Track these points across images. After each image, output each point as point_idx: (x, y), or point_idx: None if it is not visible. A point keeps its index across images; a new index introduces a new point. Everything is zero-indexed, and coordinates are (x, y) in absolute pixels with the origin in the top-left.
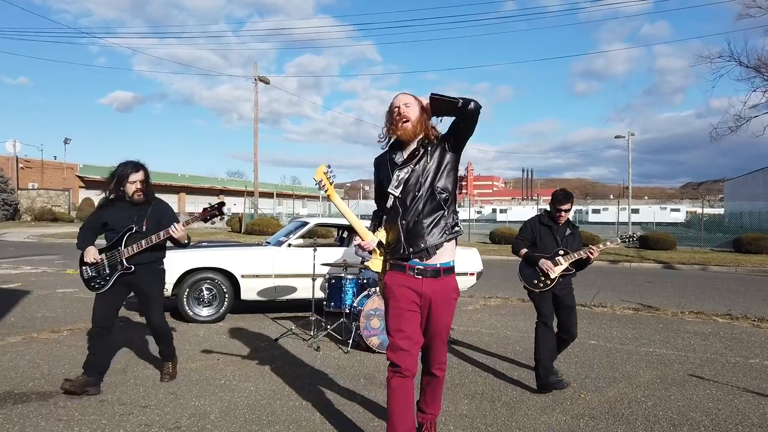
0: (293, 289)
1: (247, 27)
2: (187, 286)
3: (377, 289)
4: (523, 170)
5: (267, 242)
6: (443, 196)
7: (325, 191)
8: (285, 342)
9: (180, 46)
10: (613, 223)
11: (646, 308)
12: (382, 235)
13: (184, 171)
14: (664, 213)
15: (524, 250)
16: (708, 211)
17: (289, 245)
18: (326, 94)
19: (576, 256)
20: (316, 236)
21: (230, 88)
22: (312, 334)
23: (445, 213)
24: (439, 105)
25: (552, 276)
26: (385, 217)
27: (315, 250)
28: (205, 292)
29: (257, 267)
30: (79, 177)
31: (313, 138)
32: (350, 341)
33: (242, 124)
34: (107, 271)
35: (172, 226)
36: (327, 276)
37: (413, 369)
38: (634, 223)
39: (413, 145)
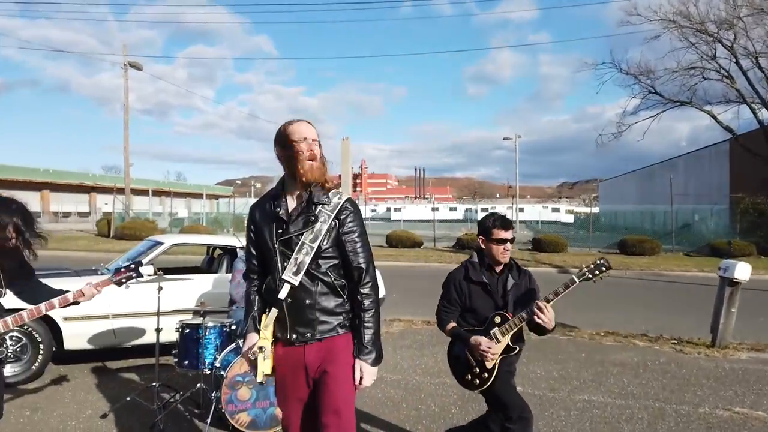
0: (141, 332)
1: (134, 11)
2: None
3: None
4: (415, 169)
5: (106, 269)
6: (340, 282)
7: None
8: (118, 417)
9: (54, 28)
10: None
11: (561, 327)
12: (268, 324)
13: (52, 166)
14: (546, 212)
15: (451, 325)
16: (584, 210)
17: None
18: (219, 87)
19: (516, 322)
20: (160, 270)
21: (113, 76)
22: (156, 406)
23: (344, 301)
24: None
25: (489, 365)
26: (266, 300)
27: (160, 289)
28: (9, 342)
29: (87, 305)
30: None
31: (204, 132)
32: (209, 419)
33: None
34: None
35: (87, 286)
36: (179, 323)
37: None
38: (520, 222)
39: (302, 201)
